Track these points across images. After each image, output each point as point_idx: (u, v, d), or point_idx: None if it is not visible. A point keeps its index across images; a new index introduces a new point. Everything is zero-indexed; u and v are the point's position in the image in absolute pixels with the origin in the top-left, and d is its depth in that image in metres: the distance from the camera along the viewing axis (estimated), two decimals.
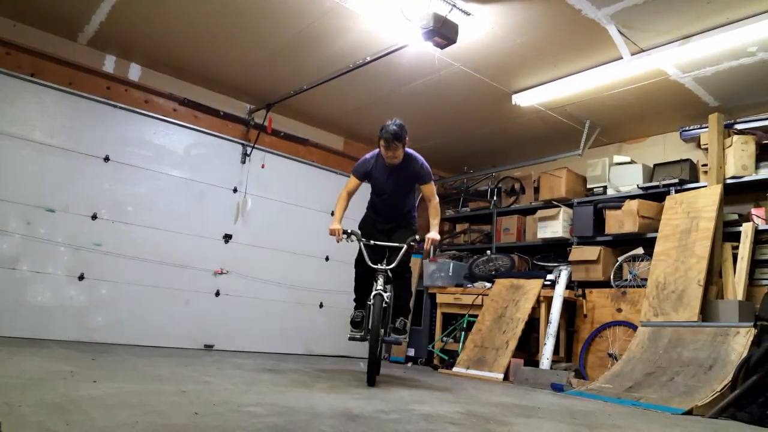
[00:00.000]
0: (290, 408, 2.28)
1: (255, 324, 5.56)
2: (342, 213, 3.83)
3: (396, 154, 3.64)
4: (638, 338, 4.28)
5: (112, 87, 4.96)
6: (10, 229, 4.32)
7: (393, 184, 3.82)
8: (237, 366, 3.87)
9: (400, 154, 3.66)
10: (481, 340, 5.20)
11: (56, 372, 2.68)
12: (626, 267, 5.01)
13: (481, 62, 4.50)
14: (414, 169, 3.79)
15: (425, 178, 3.82)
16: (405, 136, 3.61)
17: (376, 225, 3.92)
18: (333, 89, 5.08)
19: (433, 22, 3.50)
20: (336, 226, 3.71)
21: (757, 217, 4.53)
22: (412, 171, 3.79)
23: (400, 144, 3.60)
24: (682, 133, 5.24)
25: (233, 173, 5.65)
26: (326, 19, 4.06)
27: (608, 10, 3.65)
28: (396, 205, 3.91)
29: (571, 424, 2.59)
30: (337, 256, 6.17)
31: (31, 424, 1.59)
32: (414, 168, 3.79)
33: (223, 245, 5.47)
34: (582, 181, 5.87)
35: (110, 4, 4.12)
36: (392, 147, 3.59)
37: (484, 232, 6.80)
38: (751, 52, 3.98)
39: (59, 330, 4.39)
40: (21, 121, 4.44)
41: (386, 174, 3.79)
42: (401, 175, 3.78)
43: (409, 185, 3.89)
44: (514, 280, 5.51)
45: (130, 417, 1.80)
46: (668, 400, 3.46)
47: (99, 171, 4.80)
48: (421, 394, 3.27)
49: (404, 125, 3.62)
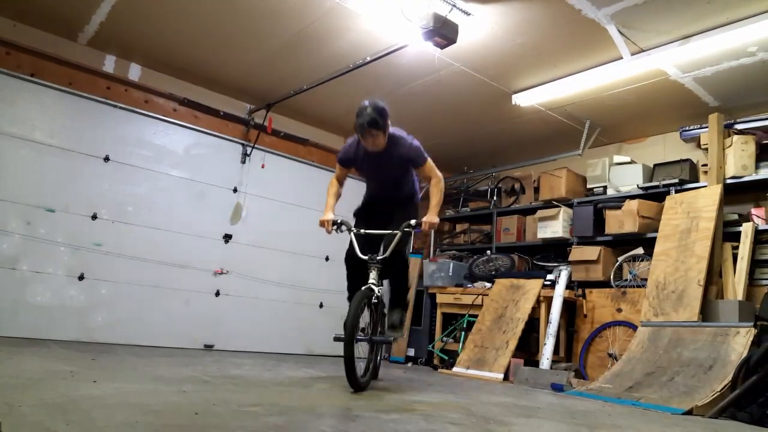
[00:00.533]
0: (290, 408, 2.28)
1: (255, 324, 5.55)
2: (333, 201, 3.45)
3: (376, 142, 3.17)
4: (638, 338, 4.28)
5: (112, 87, 4.96)
6: (10, 229, 4.32)
7: (382, 172, 3.42)
8: (237, 366, 3.87)
9: (382, 140, 3.19)
10: (481, 340, 5.20)
11: (56, 372, 2.68)
12: (626, 267, 5.01)
13: (481, 62, 4.50)
14: (402, 153, 3.31)
15: (417, 160, 3.36)
16: (384, 121, 3.12)
17: (374, 212, 3.52)
18: (333, 89, 5.08)
19: (433, 22, 3.50)
20: (326, 217, 3.33)
21: (757, 217, 4.53)
22: (400, 155, 3.32)
23: (380, 131, 3.12)
24: (682, 133, 5.24)
25: (233, 173, 5.65)
26: (326, 19, 4.06)
27: (608, 10, 3.65)
28: (391, 191, 3.52)
29: (571, 424, 2.59)
30: (337, 256, 6.10)
31: (31, 424, 1.59)
32: (401, 151, 3.31)
33: (223, 245, 5.47)
34: (582, 181, 5.87)
35: (110, 4, 4.12)
36: (370, 136, 3.13)
37: (484, 232, 6.80)
38: (751, 52, 3.98)
39: (59, 330, 4.39)
40: (21, 121, 4.44)
41: (372, 161, 3.35)
42: (389, 160, 3.32)
43: (402, 169, 3.44)
44: (514, 280, 5.51)
45: (130, 417, 1.80)
46: (668, 400, 3.46)
47: (99, 171, 4.79)
48: (421, 394, 3.26)
49: (384, 107, 3.12)
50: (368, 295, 3.10)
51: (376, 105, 3.11)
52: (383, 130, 3.15)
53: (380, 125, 3.10)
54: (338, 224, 3.33)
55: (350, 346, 2.84)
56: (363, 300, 3.03)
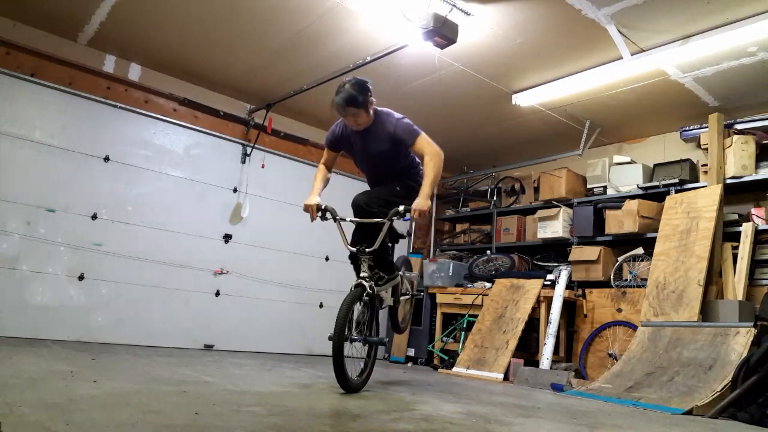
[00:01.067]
0: (290, 408, 2.28)
1: (255, 324, 5.55)
2: (320, 186, 3.23)
3: (358, 120, 3.01)
4: (638, 338, 4.28)
5: (112, 87, 4.96)
6: (10, 229, 4.32)
7: (368, 152, 3.17)
8: (237, 366, 3.87)
9: (364, 118, 3.02)
10: (481, 340, 5.20)
11: (56, 372, 2.68)
12: (626, 267, 5.01)
13: (481, 62, 4.50)
14: (389, 130, 3.05)
15: (405, 137, 3.05)
16: (365, 97, 2.94)
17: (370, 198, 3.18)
18: (333, 89, 4.98)
19: (433, 22, 3.50)
20: (310, 201, 3.10)
21: (757, 217, 4.53)
22: (387, 132, 3.06)
23: (360, 108, 2.94)
24: (682, 133, 5.24)
25: (233, 173, 5.65)
26: (326, 19, 4.06)
27: (608, 10, 3.65)
28: (383, 173, 3.26)
29: (571, 424, 2.59)
30: (337, 256, 6.16)
31: (31, 424, 1.59)
32: (388, 128, 3.05)
33: (223, 245, 5.47)
34: (582, 181, 5.88)
35: (110, 4, 4.12)
36: (350, 114, 2.96)
37: (484, 232, 6.80)
38: (751, 52, 3.98)
39: (59, 330, 4.39)
40: (21, 121, 4.44)
41: (357, 141, 3.15)
42: (374, 139, 3.10)
43: (392, 150, 3.14)
44: (514, 280, 5.52)
45: (130, 417, 1.80)
46: (668, 400, 3.46)
47: (99, 171, 4.79)
48: (421, 394, 3.26)
49: (364, 82, 2.97)
50: (358, 293, 2.94)
51: (356, 80, 2.96)
52: (364, 107, 2.97)
53: (359, 102, 2.93)
54: (323, 210, 3.10)
55: (339, 346, 2.71)
56: (354, 299, 2.88)
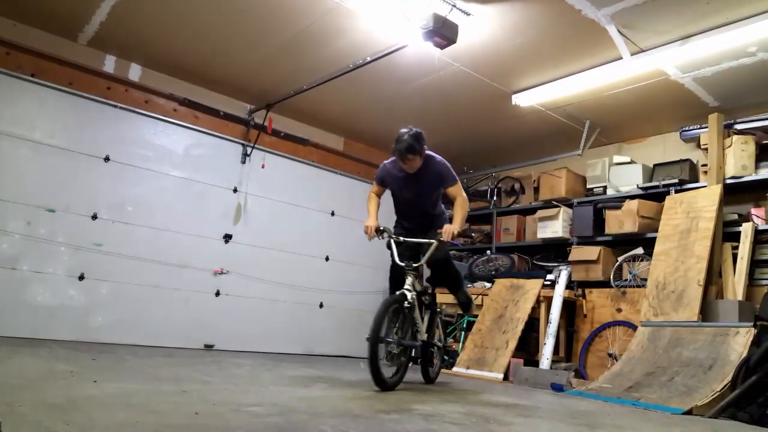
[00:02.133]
0: (290, 408, 2.28)
1: (255, 324, 5.55)
2: (375, 210, 3.72)
3: (412, 165, 3.49)
4: (638, 338, 4.28)
5: (112, 87, 4.96)
6: (10, 229, 4.32)
7: (414, 190, 3.66)
8: (237, 366, 3.87)
9: (418, 163, 3.50)
10: (481, 340, 5.20)
11: (56, 372, 2.68)
12: (626, 267, 5.01)
13: (481, 62, 4.50)
14: (436, 174, 3.60)
15: (447, 177, 3.62)
16: (421, 146, 3.44)
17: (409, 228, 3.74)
18: (333, 89, 5.08)
19: (433, 23, 3.50)
20: (370, 223, 3.58)
21: (756, 217, 4.53)
22: (434, 176, 3.60)
23: (416, 155, 3.44)
24: (682, 133, 5.24)
25: (233, 173, 5.65)
26: (326, 19, 4.06)
27: (608, 10, 3.65)
28: (421, 210, 3.74)
29: (571, 424, 2.59)
30: (337, 256, 6.17)
31: (31, 424, 1.59)
32: (435, 173, 3.60)
33: (223, 245, 5.47)
34: (582, 181, 5.88)
35: (110, 4, 4.12)
36: (408, 160, 3.45)
37: (484, 232, 6.80)
38: (751, 52, 3.98)
39: (59, 330, 4.39)
40: (21, 121, 4.44)
41: (406, 180, 3.62)
42: (422, 180, 3.61)
43: (433, 187, 3.68)
44: (514, 280, 5.52)
45: (130, 417, 1.80)
46: (668, 400, 3.46)
47: (99, 171, 4.79)
48: (421, 394, 3.27)
49: (420, 134, 3.44)
50: (399, 299, 3.29)
51: (414, 132, 3.43)
52: (419, 154, 3.46)
53: (416, 150, 3.42)
54: (380, 231, 3.56)
55: (374, 345, 3.03)
56: (392, 303, 3.22)
